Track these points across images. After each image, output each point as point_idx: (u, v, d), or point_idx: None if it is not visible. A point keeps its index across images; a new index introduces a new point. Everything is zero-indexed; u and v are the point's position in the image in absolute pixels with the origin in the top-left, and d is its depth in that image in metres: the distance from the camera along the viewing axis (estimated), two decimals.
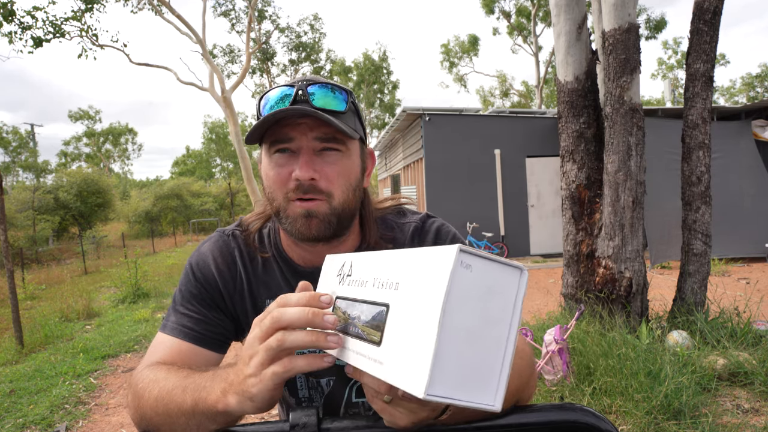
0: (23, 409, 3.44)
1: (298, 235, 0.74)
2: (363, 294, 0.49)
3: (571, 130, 4.05)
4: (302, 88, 0.72)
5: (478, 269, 0.37)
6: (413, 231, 0.87)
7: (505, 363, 0.38)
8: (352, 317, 0.49)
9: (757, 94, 34.18)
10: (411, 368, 0.36)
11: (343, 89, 0.75)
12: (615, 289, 3.79)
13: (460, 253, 0.36)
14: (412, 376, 0.36)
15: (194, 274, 0.82)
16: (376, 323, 0.44)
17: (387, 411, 0.49)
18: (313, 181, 0.71)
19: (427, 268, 0.39)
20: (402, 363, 0.38)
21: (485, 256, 0.38)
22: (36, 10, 10.15)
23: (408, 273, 0.42)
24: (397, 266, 0.45)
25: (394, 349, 0.40)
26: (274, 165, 0.74)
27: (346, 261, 0.58)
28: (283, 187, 0.73)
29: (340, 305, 0.53)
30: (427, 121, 9.16)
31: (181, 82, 13.99)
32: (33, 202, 15.17)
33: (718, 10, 3.78)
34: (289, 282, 0.84)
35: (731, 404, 2.83)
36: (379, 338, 0.43)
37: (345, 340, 0.50)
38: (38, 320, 6.02)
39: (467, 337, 0.36)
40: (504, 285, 0.39)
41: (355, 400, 0.88)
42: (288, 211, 0.73)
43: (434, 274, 0.38)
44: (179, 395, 0.59)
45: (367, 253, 0.54)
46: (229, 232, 0.88)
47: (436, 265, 0.38)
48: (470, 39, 27.75)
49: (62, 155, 39.96)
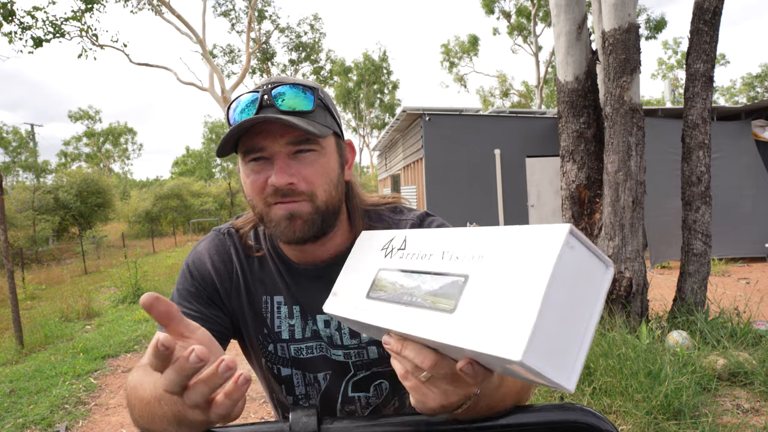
0: (23, 409, 3.44)
1: (283, 237, 0.74)
2: (426, 266, 0.50)
3: (571, 130, 4.05)
4: (267, 92, 0.71)
5: (578, 252, 0.39)
6: (411, 228, 0.87)
7: (583, 347, 0.39)
8: (408, 287, 0.49)
9: (757, 94, 34.19)
10: (505, 334, 0.37)
11: (309, 86, 0.73)
12: (615, 289, 3.79)
13: (569, 234, 0.38)
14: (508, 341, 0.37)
15: (191, 273, 0.83)
16: (448, 292, 0.44)
17: (420, 390, 0.48)
18: (292, 186, 0.71)
19: (528, 243, 0.41)
20: (491, 330, 0.39)
21: (585, 242, 0.40)
22: (36, 10, 10.15)
23: (498, 247, 0.43)
24: (479, 240, 0.46)
25: (478, 317, 0.40)
26: (250, 173, 0.73)
27: (396, 236, 0.58)
28: (261, 193, 0.73)
29: (387, 276, 0.54)
30: (427, 121, 9.16)
31: (181, 82, 14.00)
32: (33, 202, 15.17)
33: (718, 10, 3.78)
34: (284, 279, 0.84)
35: (731, 404, 2.83)
36: (453, 306, 0.43)
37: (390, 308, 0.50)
38: (38, 320, 6.02)
39: (558, 315, 0.38)
40: (592, 274, 0.40)
41: (352, 395, 0.88)
42: (270, 215, 0.73)
43: (540, 249, 0.39)
44: (158, 407, 0.57)
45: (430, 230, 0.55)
46: (224, 230, 0.88)
47: (543, 240, 0.40)
48: (470, 39, 27.76)
49: (62, 155, 39.97)
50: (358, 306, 0.54)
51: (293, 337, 0.85)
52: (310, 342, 0.86)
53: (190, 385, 0.45)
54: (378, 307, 0.52)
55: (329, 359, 0.86)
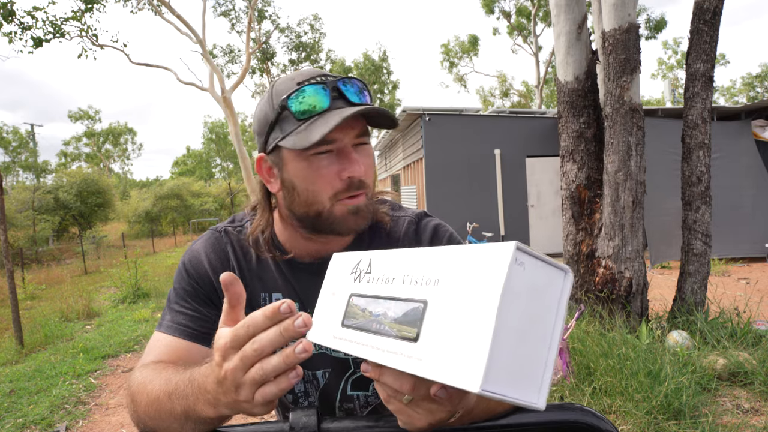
0: (23, 409, 3.44)
1: (345, 231, 0.75)
2: (389, 291, 0.49)
3: (571, 130, 4.05)
4: (333, 84, 0.71)
5: (530, 267, 0.38)
6: (407, 225, 0.87)
7: (549, 362, 0.38)
8: (375, 314, 0.49)
9: (757, 94, 34.18)
10: (463, 364, 0.36)
11: (362, 81, 0.74)
12: (615, 289, 3.79)
13: (516, 250, 0.37)
14: (465, 371, 0.36)
15: (188, 272, 0.82)
16: (410, 320, 0.44)
17: (405, 412, 0.48)
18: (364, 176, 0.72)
19: (478, 265, 0.39)
20: (450, 359, 0.38)
21: (535, 255, 0.38)
22: (36, 10, 10.15)
23: (451, 270, 0.42)
24: (434, 263, 0.45)
25: (438, 346, 0.39)
26: (316, 167, 0.71)
27: (362, 258, 0.57)
28: (331, 188, 0.72)
29: (358, 303, 0.53)
30: (427, 121, 9.16)
31: (181, 82, 13.99)
32: (33, 202, 15.17)
33: (718, 10, 3.78)
34: (284, 275, 0.84)
35: (731, 404, 2.83)
36: (415, 334, 0.42)
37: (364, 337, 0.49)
38: (38, 320, 6.02)
39: (516, 335, 0.37)
40: (549, 285, 0.39)
41: (350, 393, 0.88)
42: (334, 212, 0.73)
43: (488, 270, 0.38)
44: (166, 402, 0.58)
45: (389, 251, 0.54)
46: (221, 229, 0.87)
47: (490, 261, 0.38)
48: (470, 39, 27.75)
49: (62, 155, 39.97)
50: (335, 335, 0.54)
51: None
52: None
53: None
54: (352, 336, 0.51)
55: (329, 356, 0.86)
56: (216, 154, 44.08)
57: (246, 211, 0.90)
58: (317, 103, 0.69)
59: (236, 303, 0.49)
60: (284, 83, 0.74)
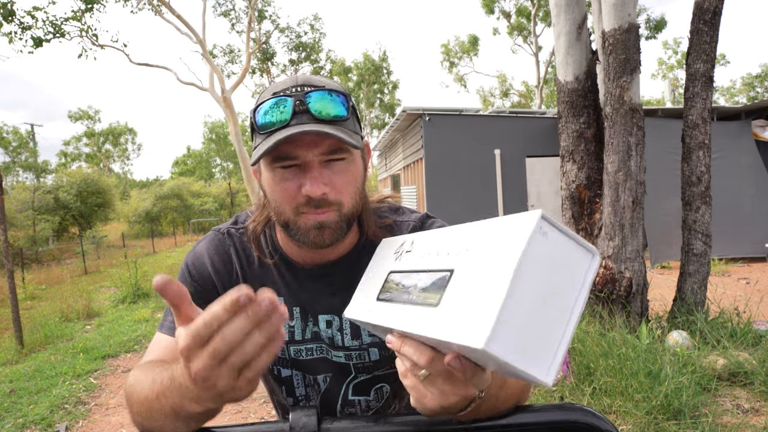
0: (23, 409, 3.44)
1: (310, 245, 0.73)
2: (424, 264, 0.50)
3: (571, 130, 4.05)
4: (299, 97, 0.69)
5: (553, 239, 0.38)
6: (412, 229, 0.87)
7: (564, 339, 0.37)
8: (407, 287, 0.50)
9: (757, 94, 34.18)
10: (473, 322, 0.36)
11: (341, 93, 0.72)
12: (615, 289, 3.79)
13: (541, 219, 0.37)
14: (473, 329, 0.36)
15: (190, 273, 0.82)
16: (436, 287, 0.44)
17: (418, 389, 0.48)
18: (324, 195, 0.70)
19: (504, 231, 0.40)
20: (462, 319, 0.38)
21: (562, 229, 0.38)
22: (36, 10, 10.14)
23: (481, 238, 0.43)
24: (467, 234, 0.46)
25: (455, 308, 0.40)
26: (280, 180, 0.71)
27: (406, 240, 0.60)
28: (292, 201, 0.71)
29: (394, 278, 0.55)
30: (427, 121, 9.16)
31: (181, 82, 13.99)
32: (33, 202, 15.17)
33: (718, 10, 3.78)
34: (285, 279, 0.84)
35: (731, 404, 2.83)
36: (437, 300, 0.43)
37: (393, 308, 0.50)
38: (38, 320, 6.02)
39: (532, 303, 0.36)
40: (575, 262, 0.39)
41: (352, 398, 0.88)
42: (298, 224, 0.72)
43: (512, 235, 0.38)
44: (155, 402, 0.58)
45: (435, 230, 0.55)
46: (224, 230, 0.87)
47: (515, 227, 0.39)
48: (470, 39, 27.75)
49: (62, 155, 39.96)
50: (370, 309, 0.55)
51: (293, 338, 0.85)
52: (310, 344, 0.85)
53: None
54: (384, 308, 0.53)
55: (330, 361, 0.86)
56: (216, 154, 44.08)
57: (249, 211, 0.90)
58: (277, 117, 0.68)
59: (179, 302, 0.47)
60: (266, 92, 0.74)
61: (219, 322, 0.43)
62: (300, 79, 0.72)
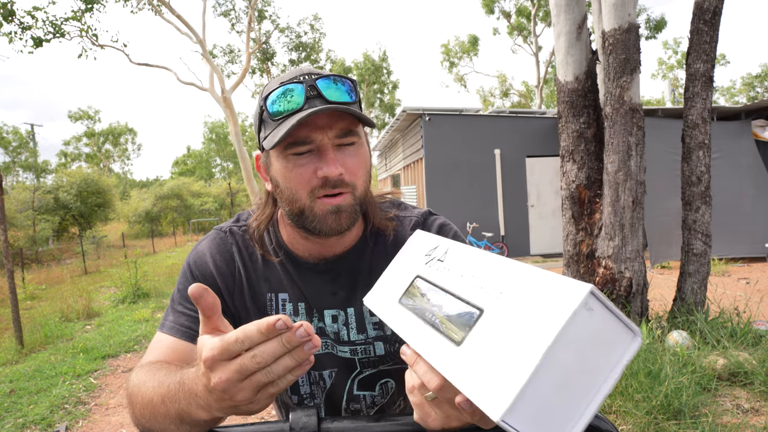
0: (23, 409, 3.44)
1: (327, 231, 0.74)
2: (453, 286, 0.48)
3: (571, 130, 4.05)
4: (311, 83, 0.70)
5: (598, 316, 0.36)
6: (414, 225, 0.87)
7: (585, 416, 0.36)
8: (433, 304, 0.49)
9: (757, 94, 34.17)
10: (494, 388, 0.35)
11: (347, 78, 0.73)
12: (615, 289, 3.79)
13: (590, 295, 0.35)
14: (493, 396, 0.35)
15: (192, 273, 0.82)
16: (462, 322, 0.43)
17: (423, 408, 0.48)
18: (341, 176, 0.71)
19: (548, 294, 0.37)
20: (484, 378, 0.37)
21: (610, 306, 0.36)
22: (36, 10, 10.14)
23: (520, 287, 0.41)
24: (505, 274, 0.44)
25: (478, 359, 0.38)
26: (293, 166, 0.72)
27: (440, 245, 0.57)
28: (308, 186, 0.72)
29: (420, 286, 0.53)
30: (427, 121, 9.16)
31: (181, 82, 13.99)
32: (33, 202, 15.16)
33: (718, 10, 3.78)
34: (290, 275, 0.84)
35: (731, 404, 2.83)
36: (461, 338, 0.42)
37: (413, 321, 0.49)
38: (38, 320, 6.02)
39: (559, 379, 0.35)
40: (614, 341, 0.37)
41: (357, 393, 0.88)
42: (315, 210, 0.73)
43: (555, 305, 0.36)
44: (161, 406, 0.58)
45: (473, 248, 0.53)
46: (226, 229, 0.87)
47: (561, 296, 0.36)
48: (470, 39, 27.74)
49: (62, 155, 39.94)
50: (389, 309, 0.55)
51: None
52: None
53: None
54: (404, 316, 0.52)
55: (335, 356, 0.86)
56: (216, 154, 44.07)
57: (250, 210, 0.90)
58: (290, 103, 0.69)
59: (211, 313, 0.49)
60: (272, 83, 0.74)
61: (251, 342, 0.45)
62: (305, 69, 0.74)
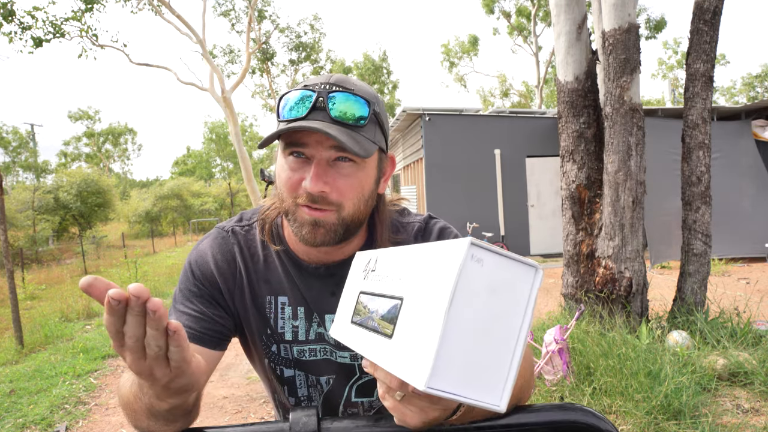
0: (23, 409, 3.44)
1: (302, 240, 0.73)
2: (382, 288, 0.49)
3: (571, 130, 4.05)
4: (323, 94, 0.69)
5: (490, 264, 0.37)
6: (416, 231, 0.87)
7: (513, 363, 0.37)
8: (371, 311, 0.49)
9: (757, 94, 34.15)
10: (415, 360, 0.36)
11: (366, 99, 0.71)
12: (615, 289, 3.79)
13: (471, 246, 0.36)
14: (416, 368, 0.36)
15: (193, 272, 0.82)
16: (391, 316, 0.44)
17: (398, 409, 0.48)
18: (323, 194, 0.70)
19: (438, 261, 0.39)
20: (408, 355, 0.38)
21: (498, 251, 0.37)
22: (36, 10, 10.15)
23: (421, 266, 0.42)
24: (412, 259, 0.45)
25: (404, 342, 0.40)
26: (287, 168, 0.72)
27: (372, 257, 0.58)
28: (293, 192, 0.72)
29: (363, 300, 0.53)
30: (427, 121, 9.16)
31: (181, 82, 13.99)
32: (33, 202, 15.16)
33: (718, 10, 3.78)
34: (291, 278, 0.83)
35: (731, 404, 2.83)
36: (391, 331, 0.42)
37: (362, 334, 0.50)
38: (38, 320, 6.02)
39: (474, 333, 0.36)
40: (516, 282, 0.38)
41: (355, 400, 0.87)
42: (296, 215, 0.73)
43: (444, 266, 0.37)
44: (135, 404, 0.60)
45: (393, 248, 0.54)
46: (228, 228, 0.86)
47: (446, 257, 0.38)
48: (470, 39, 27.74)
49: (62, 155, 39.92)
50: (346, 332, 0.55)
51: (296, 338, 0.84)
52: (314, 344, 0.85)
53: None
54: (356, 333, 0.52)
55: (334, 362, 0.85)
56: (216, 154, 44.06)
57: (253, 210, 0.89)
58: (294, 109, 0.70)
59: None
60: (298, 84, 0.75)
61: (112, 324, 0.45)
62: (333, 78, 0.72)
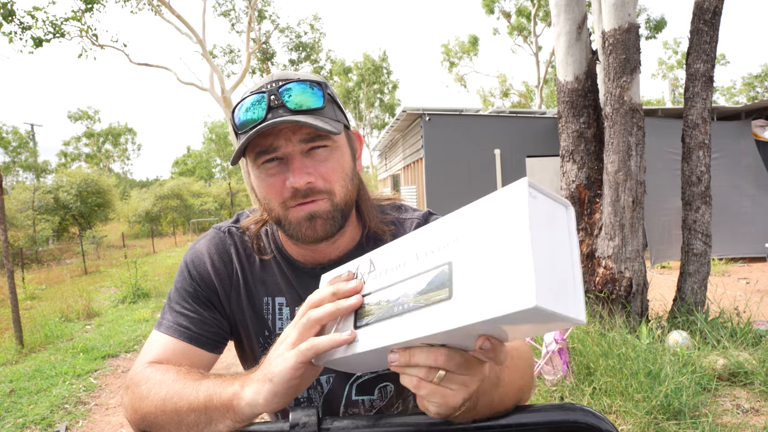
0: (23, 409, 3.43)
1: (303, 239, 0.72)
2: (402, 274, 0.50)
3: (571, 130, 4.05)
4: (274, 92, 0.68)
5: (540, 199, 0.41)
6: (416, 227, 0.86)
7: (577, 281, 0.41)
8: (394, 300, 0.49)
9: (757, 94, 34.15)
10: (510, 291, 0.38)
11: (316, 82, 0.71)
12: (615, 289, 3.79)
13: (529, 185, 0.40)
14: (516, 295, 0.37)
15: (190, 272, 0.81)
16: (439, 283, 0.45)
17: (438, 392, 0.47)
18: (311, 185, 0.69)
19: (496, 205, 0.42)
20: (494, 294, 0.39)
21: (543, 189, 0.42)
22: (36, 10, 10.14)
23: (469, 223, 0.45)
24: (448, 227, 0.47)
25: (476, 291, 0.41)
26: (265, 176, 0.71)
27: (360, 263, 0.58)
28: (279, 196, 0.71)
29: (369, 301, 0.53)
30: (427, 121, 9.16)
31: (181, 82, 13.98)
32: (33, 202, 15.16)
33: (718, 10, 3.78)
34: (288, 279, 0.83)
35: (731, 404, 2.83)
36: (447, 294, 0.43)
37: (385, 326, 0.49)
38: (38, 320, 6.02)
39: (547, 258, 0.39)
40: (558, 216, 0.43)
41: (355, 398, 0.87)
42: (289, 218, 0.72)
43: (508, 203, 0.41)
44: (192, 392, 0.60)
45: (391, 243, 0.55)
46: (225, 228, 0.86)
47: (508, 197, 0.41)
48: (470, 39, 27.73)
49: (62, 155, 39.92)
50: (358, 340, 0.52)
51: None
52: None
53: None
54: (371, 332, 0.50)
55: None
56: (216, 154, 44.05)
57: (250, 210, 0.89)
58: (253, 115, 0.68)
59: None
60: (244, 93, 0.73)
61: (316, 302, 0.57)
62: (275, 75, 0.72)
